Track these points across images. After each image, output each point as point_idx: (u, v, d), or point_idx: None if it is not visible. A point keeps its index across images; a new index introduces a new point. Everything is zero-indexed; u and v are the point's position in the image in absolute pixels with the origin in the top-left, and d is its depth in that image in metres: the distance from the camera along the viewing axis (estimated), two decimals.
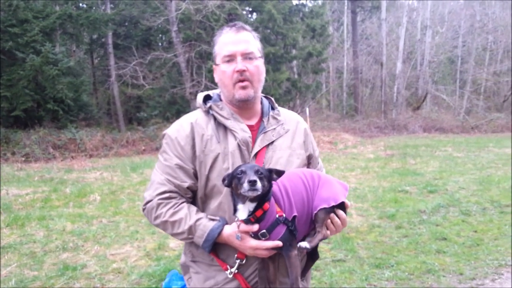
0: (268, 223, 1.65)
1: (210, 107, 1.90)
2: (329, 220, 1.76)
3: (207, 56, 19.45)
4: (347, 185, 1.87)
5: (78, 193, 8.68)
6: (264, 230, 1.66)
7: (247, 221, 1.65)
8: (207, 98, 1.98)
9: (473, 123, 24.70)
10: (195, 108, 2.03)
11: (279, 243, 1.65)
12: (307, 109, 16.86)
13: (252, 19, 21.97)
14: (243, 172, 1.60)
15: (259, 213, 1.64)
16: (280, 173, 1.67)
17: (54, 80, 16.19)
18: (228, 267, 1.80)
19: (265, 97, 2.05)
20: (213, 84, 18.96)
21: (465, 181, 9.22)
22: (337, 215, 1.77)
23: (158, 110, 21.06)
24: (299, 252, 1.70)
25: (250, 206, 1.63)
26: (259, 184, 1.53)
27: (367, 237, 5.89)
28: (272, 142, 1.88)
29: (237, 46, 1.82)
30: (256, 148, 1.84)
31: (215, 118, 1.88)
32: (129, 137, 17.81)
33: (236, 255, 1.78)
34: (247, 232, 1.68)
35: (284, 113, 2.03)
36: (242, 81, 1.82)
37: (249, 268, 1.81)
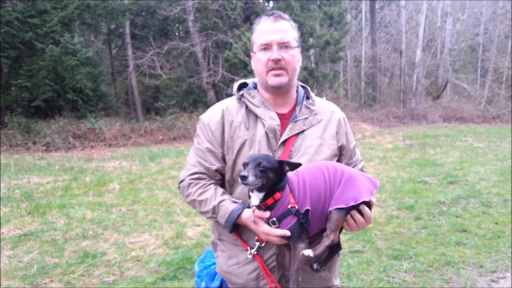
0: (279, 212, 1.69)
1: (242, 95, 1.95)
2: (348, 216, 1.75)
3: (224, 46, 19.41)
4: (377, 181, 1.83)
5: (98, 182, 8.81)
6: (274, 218, 1.70)
7: (258, 208, 1.71)
8: (243, 86, 2.03)
9: (494, 112, 24.13)
10: (212, 98, 2.08)
11: (287, 233, 1.68)
12: (324, 99, 16.65)
13: (269, 7, 21.80)
14: (245, 164, 1.67)
15: (270, 201, 1.69)
16: (293, 165, 1.70)
17: (73, 70, 16.41)
18: (249, 248, 1.86)
19: (302, 86, 2.07)
20: (229, 74, 18.97)
21: (486, 172, 9.05)
22: (361, 212, 1.76)
23: (175, 100, 21.18)
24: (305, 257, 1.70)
25: (259, 195, 1.70)
26: (250, 179, 1.59)
27: (385, 228, 5.84)
28: (302, 131, 1.90)
29: (274, 35, 1.85)
30: (284, 137, 1.87)
31: (246, 106, 1.93)
32: (147, 126, 17.98)
33: (256, 238, 1.84)
34: (261, 218, 1.73)
35: (319, 102, 2.05)
36: (276, 69, 1.86)
37: (268, 251, 1.86)
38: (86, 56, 17.15)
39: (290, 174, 1.76)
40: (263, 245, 1.84)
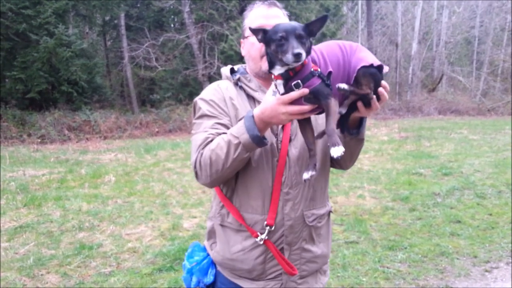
0: (303, 75, 1.58)
1: (238, 79, 1.94)
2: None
3: (220, 38, 19.31)
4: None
5: (93, 174, 8.80)
6: (299, 81, 1.57)
7: (286, 75, 1.58)
8: (232, 72, 2.01)
9: (489, 105, 24.24)
10: None
11: (306, 90, 1.57)
12: None
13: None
14: (283, 38, 1.49)
15: (299, 68, 1.57)
16: (319, 24, 1.58)
17: (68, 62, 16.27)
18: (259, 234, 1.83)
19: None
20: (225, 66, 18.86)
21: (481, 164, 9.11)
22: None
23: (171, 92, 21.09)
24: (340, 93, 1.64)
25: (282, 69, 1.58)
26: (304, 55, 1.47)
27: (380, 219, 5.88)
28: None
29: (268, 20, 1.85)
30: None
31: (243, 90, 1.93)
32: (143, 119, 17.91)
33: (265, 223, 1.82)
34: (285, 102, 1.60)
35: None
36: None
37: (276, 234, 1.85)
38: (81, 47, 17.00)
39: None
40: (273, 229, 1.83)
